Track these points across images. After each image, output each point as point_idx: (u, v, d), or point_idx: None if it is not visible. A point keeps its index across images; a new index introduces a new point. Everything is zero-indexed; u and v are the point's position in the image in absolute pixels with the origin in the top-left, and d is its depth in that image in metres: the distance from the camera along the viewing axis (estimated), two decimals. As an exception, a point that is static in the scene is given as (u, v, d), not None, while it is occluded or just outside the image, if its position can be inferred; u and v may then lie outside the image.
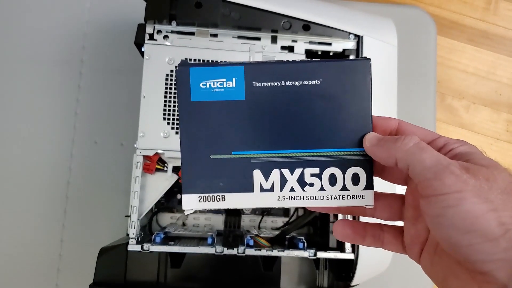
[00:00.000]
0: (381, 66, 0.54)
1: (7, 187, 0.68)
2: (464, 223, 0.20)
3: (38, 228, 0.67)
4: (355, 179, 0.25)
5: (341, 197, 0.25)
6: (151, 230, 0.61)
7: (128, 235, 0.50)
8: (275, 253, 0.50)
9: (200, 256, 0.51)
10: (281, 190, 0.25)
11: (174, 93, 0.51)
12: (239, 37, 0.54)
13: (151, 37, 0.52)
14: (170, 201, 0.63)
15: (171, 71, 0.52)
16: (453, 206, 0.20)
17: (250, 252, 0.50)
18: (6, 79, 0.70)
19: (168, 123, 0.51)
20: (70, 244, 0.67)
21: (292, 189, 0.26)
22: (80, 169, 0.69)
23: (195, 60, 0.52)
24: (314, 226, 0.64)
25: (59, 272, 0.67)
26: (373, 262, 0.53)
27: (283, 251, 0.50)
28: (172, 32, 0.53)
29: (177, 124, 0.51)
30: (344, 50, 0.54)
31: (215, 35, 0.53)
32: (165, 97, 0.51)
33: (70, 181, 0.69)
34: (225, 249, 0.50)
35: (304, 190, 0.26)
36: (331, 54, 0.55)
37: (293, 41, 0.54)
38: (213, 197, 0.26)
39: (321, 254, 0.51)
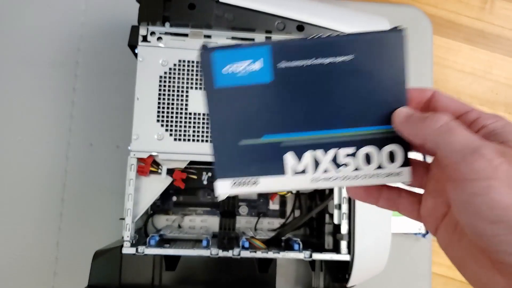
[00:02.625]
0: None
1: (2, 190, 0.68)
2: (491, 213, 0.18)
3: (34, 231, 0.67)
4: (391, 157, 0.25)
5: (376, 175, 0.25)
6: (146, 233, 0.61)
7: (123, 237, 0.50)
8: (270, 255, 0.50)
9: (195, 258, 0.50)
10: (314, 172, 0.25)
11: (168, 95, 0.51)
12: (233, 38, 0.53)
13: (145, 38, 0.52)
14: (165, 203, 0.63)
15: (165, 72, 0.51)
16: (480, 194, 0.19)
17: (245, 254, 0.50)
18: (1, 81, 0.70)
19: (162, 125, 0.51)
20: (66, 247, 0.67)
21: (326, 171, 0.25)
22: (75, 172, 0.69)
23: (189, 61, 0.52)
24: (310, 228, 0.64)
25: (55, 275, 0.66)
26: (369, 263, 0.53)
27: (279, 253, 0.50)
28: (166, 33, 0.52)
29: (171, 126, 0.51)
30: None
31: (209, 37, 0.53)
32: (159, 99, 0.51)
33: (66, 183, 0.69)
34: (220, 251, 0.49)
35: (338, 171, 0.25)
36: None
37: (287, 42, 0.54)
38: (246, 181, 0.25)
39: (317, 256, 0.51)
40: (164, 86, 0.51)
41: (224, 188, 0.25)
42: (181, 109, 0.51)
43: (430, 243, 0.70)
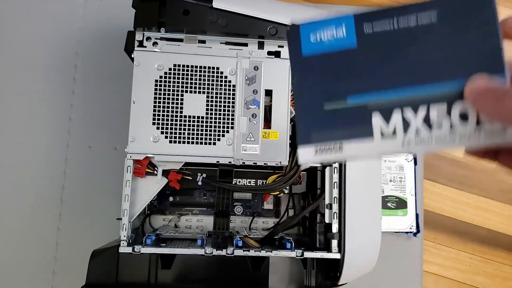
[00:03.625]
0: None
1: (2, 191, 0.69)
2: None
3: (33, 231, 0.69)
4: None
5: (477, 134, 0.22)
6: (143, 232, 0.62)
7: (120, 237, 0.52)
8: (263, 253, 0.51)
9: (190, 257, 0.52)
10: (404, 134, 0.23)
11: (164, 98, 0.53)
12: (227, 43, 0.55)
13: (141, 44, 0.53)
14: (162, 203, 0.65)
15: (160, 76, 0.53)
16: None
17: (239, 252, 0.51)
18: (1, 85, 0.72)
19: (158, 128, 0.52)
20: (65, 247, 0.69)
21: (417, 132, 0.23)
22: (74, 173, 0.70)
23: (183, 66, 0.53)
24: (303, 226, 0.65)
25: (54, 274, 0.68)
26: (359, 261, 0.54)
27: (271, 252, 0.52)
28: (161, 38, 0.54)
29: (166, 128, 0.52)
30: (329, 54, 0.55)
31: (203, 42, 0.54)
32: (155, 102, 0.53)
33: (65, 185, 0.70)
34: (214, 250, 0.51)
35: (431, 132, 0.23)
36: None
37: (279, 46, 0.55)
38: (330, 147, 0.25)
39: (308, 254, 0.52)
40: (160, 89, 0.53)
41: (307, 156, 0.25)
42: (176, 112, 0.53)
43: (422, 241, 0.72)
